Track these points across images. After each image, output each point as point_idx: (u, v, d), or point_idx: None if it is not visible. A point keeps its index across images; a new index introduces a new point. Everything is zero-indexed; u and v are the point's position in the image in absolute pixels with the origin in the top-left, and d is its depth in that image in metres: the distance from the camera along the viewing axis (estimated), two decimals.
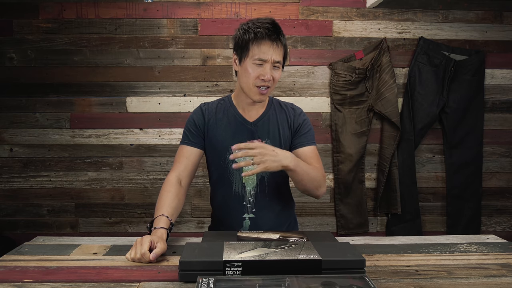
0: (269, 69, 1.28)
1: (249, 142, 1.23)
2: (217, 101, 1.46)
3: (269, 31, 1.26)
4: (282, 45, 1.29)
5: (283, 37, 1.30)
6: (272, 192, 1.40)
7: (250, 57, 1.28)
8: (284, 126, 1.41)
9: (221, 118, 1.40)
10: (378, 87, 2.49)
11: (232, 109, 1.41)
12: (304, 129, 1.42)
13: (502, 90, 2.59)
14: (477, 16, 2.54)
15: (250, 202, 1.38)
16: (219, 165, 1.39)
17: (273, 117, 1.42)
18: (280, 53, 1.29)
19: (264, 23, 1.28)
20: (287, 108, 1.46)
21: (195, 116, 1.41)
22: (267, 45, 1.26)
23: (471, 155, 2.56)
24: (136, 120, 2.48)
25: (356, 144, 2.51)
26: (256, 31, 1.26)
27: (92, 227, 2.51)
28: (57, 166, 2.48)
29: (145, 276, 0.95)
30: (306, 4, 2.49)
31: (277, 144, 1.38)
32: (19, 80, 2.44)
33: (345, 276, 0.88)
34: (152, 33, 2.46)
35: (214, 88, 2.49)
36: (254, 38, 1.26)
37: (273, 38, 1.26)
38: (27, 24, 2.42)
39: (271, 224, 1.39)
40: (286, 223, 1.47)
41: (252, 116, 1.40)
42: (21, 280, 0.92)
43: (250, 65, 1.28)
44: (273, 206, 1.41)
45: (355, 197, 2.55)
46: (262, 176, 1.38)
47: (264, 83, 1.28)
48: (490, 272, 0.99)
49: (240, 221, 1.38)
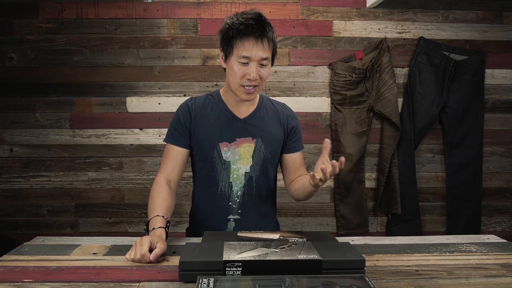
0: (255, 68, 1.20)
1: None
2: (204, 96, 1.38)
3: (253, 28, 1.17)
4: (269, 40, 1.20)
5: (270, 31, 1.21)
6: (259, 193, 1.36)
7: (235, 55, 1.20)
8: (277, 125, 1.37)
9: (209, 114, 1.32)
10: (378, 87, 2.49)
11: (221, 105, 1.34)
12: (297, 133, 1.41)
13: (502, 90, 2.59)
14: (477, 16, 2.54)
15: (236, 203, 1.33)
16: (206, 163, 1.32)
17: (264, 115, 1.36)
18: (267, 49, 1.20)
19: (248, 18, 1.19)
20: (279, 107, 1.41)
21: (181, 113, 1.33)
22: (251, 42, 1.17)
23: (471, 155, 2.56)
24: (136, 120, 2.48)
25: (356, 144, 2.51)
26: (239, 28, 1.18)
27: (92, 227, 2.51)
28: (57, 166, 2.48)
29: (145, 276, 0.95)
30: (306, 4, 2.49)
31: (268, 142, 1.34)
32: (19, 80, 2.44)
33: (345, 276, 0.88)
34: (152, 33, 2.46)
35: (214, 88, 2.49)
36: (237, 35, 1.18)
37: (258, 34, 1.17)
38: (27, 24, 2.42)
39: (255, 227, 1.33)
40: (270, 226, 1.43)
41: (242, 113, 1.34)
42: (21, 280, 0.92)
43: (235, 63, 1.21)
44: (259, 208, 1.37)
45: (355, 197, 2.55)
46: (250, 176, 1.33)
47: (250, 82, 1.21)
48: (490, 272, 0.99)
49: (224, 222, 1.34)
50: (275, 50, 1.26)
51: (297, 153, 1.41)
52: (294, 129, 1.40)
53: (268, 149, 1.34)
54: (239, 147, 1.32)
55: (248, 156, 1.32)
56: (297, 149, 1.41)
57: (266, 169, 1.35)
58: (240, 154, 1.32)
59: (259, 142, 1.33)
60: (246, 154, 1.32)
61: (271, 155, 1.35)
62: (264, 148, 1.33)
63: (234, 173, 1.32)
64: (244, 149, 1.32)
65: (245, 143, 1.32)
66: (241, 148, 1.32)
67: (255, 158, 1.33)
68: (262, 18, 1.21)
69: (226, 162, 1.31)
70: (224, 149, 1.31)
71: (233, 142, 1.31)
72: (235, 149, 1.31)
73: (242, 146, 1.32)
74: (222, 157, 1.31)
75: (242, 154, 1.32)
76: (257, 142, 1.33)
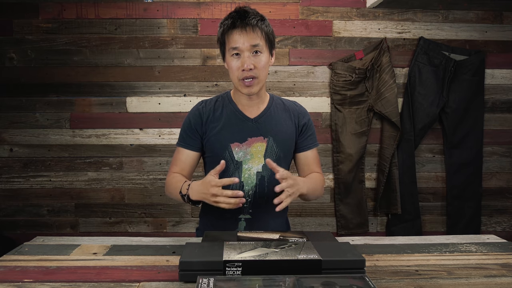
0: (248, 57, 1.22)
1: (277, 166, 1.15)
2: (215, 97, 1.40)
3: (234, 19, 1.23)
4: (254, 28, 1.22)
5: (255, 19, 1.23)
6: (271, 193, 1.34)
7: (228, 51, 1.26)
8: (288, 123, 1.37)
9: (219, 115, 1.34)
10: (378, 87, 2.49)
11: (231, 106, 1.35)
12: (310, 130, 1.40)
13: (502, 90, 2.59)
14: (477, 16, 2.54)
15: (248, 202, 1.34)
16: (217, 164, 1.33)
17: (275, 114, 1.36)
18: (255, 37, 1.22)
19: (232, 13, 1.26)
20: (290, 105, 1.41)
21: (192, 118, 1.36)
22: (236, 33, 1.22)
23: (471, 155, 2.56)
24: (136, 120, 2.48)
25: (356, 144, 2.51)
26: (224, 24, 1.25)
27: (92, 227, 2.51)
28: (57, 166, 2.48)
29: (145, 276, 0.95)
30: (306, 4, 2.49)
31: (279, 141, 1.34)
32: (19, 80, 2.44)
33: (345, 276, 0.88)
34: (152, 33, 2.46)
35: (214, 88, 2.49)
36: (224, 31, 1.25)
37: (240, 24, 1.22)
38: (27, 24, 2.42)
39: (266, 227, 1.34)
40: (280, 226, 1.43)
41: (253, 112, 1.35)
42: (21, 280, 0.92)
43: (230, 58, 1.25)
44: (271, 207, 1.34)
45: (355, 197, 2.55)
46: (262, 176, 1.34)
47: (246, 73, 1.23)
48: (490, 272, 0.99)
49: (235, 222, 1.34)
50: (268, 38, 1.27)
51: (309, 151, 1.40)
52: (306, 126, 1.39)
53: (280, 147, 1.34)
54: (251, 147, 1.32)
55: (260, 155, 1.33)
56: (310, 147, 1.40)
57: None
58: (252, 153, 1.32)
59: (271, 141, 1.33)
60: (258, 153, 1.33)
61: (283, 153, 1.35)
62: (276, 147, 1.33)
63: (245, 172, 1.32)
64: (255, 149, 1.32)
65: (257, 142, 1.32)
66: (252, 147, 1.32)
67: (267, 158, 1.32)
68: (245, 9, 1.25)
69: (238, 162, 1.32)
70: (236, 149, 1.31)
71: (244, 142, 1.32)
72: (246, 149, 1.32)
73: (254, 145, 1.32)
74: (234, 158, 1.31)
75: (253, 153, 1.32)
76: (269, 141, 1.33)
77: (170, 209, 2.51)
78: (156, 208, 2.51)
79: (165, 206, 2.51)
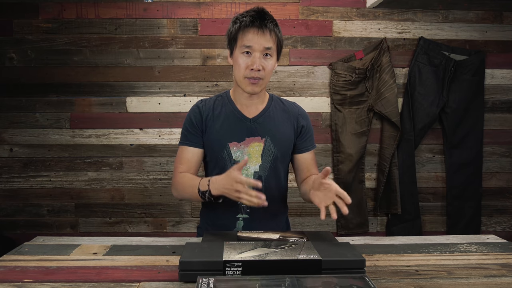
0: (258, 58, 1.23)
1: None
2: (214, 97, 1.40)
3: (254, 18, 1.23)
4: (270, 31, 1.24)
5: (272, 23, 1.26)
6: (269, 192, 1.33)
7: (239, 47, 1.25)
8: (287, 124, 1.37)
9: (218, 115, 1.34)
10: (378, 87, 2.49)
11: (230, 105, 1.36)
12: (308, 132, 1.41)
13: (502, 90, 2.59)
14: (477, 16, 2.54)
15: None
16: (216, 163, 1.34)
17: (274, 114, 1.37)
18: (269, 39, 1.24)
19: (250, 11, 1.26)
20: (290, 106, 1.42)
21: (193, 115, 1.36)
22: (252, 32, 1.23)
23: (471, 155, 2.56)
24: (136, 120, 2.48)
25: (356, 144, 2.51)
26: (241, 20, 1.25)
27: (92, 227, 2.51)
28: (57, 166, 2.48)
29: (145, 276, 0.95)
30: (306, 4, 2.49)
31: (277, 141, 1.34)
32: (19, 80, 2.44)
33: (345, 276, 0.88)
34: (152, 33, 2.46)
35: (214, 88, 2.49)
36: (240, 27, 1.25)
37: (258, 24, 1.23)
38: (27, 24, 2.42)
39: (264, 226, 1.32)
40: (279, 226, 1.42)
41: (251, 112, 1.35)
42: (21, 280, 0.92)
43: (239, 55, 1.25)
44: (269, 207, 1.32)
45: (355, 197, 2.55)
46: (259, 176, 1.33)
47: (253, 73, 1.24)
48: (490, 272, 0.99)
49: (233, 221, 1.34)
50: (279, 44, 1.29)
51: (307, 153, 1.41)
52: (305, 128, 1.40)
53: (278, 148, 1.34)
54: (248, 147, 1.32)
55: (257, 155, 1.33)
56: (308, 149, 1.41)
57: (276, 168, 1.35)
58: (249, 153, 1.32)
59: (268, 142, 1.33)
60: (255, 153, 1.33)
61: (281, 154, 1.35)
62: (274, 147, 1.34)
63: (243, 172, 1.32)
64: (253, 149, 1.33)
65: (254, 142, 1.33)
66: (250, 147, 1.32)
67: (264, 158, 1.33)
68: (265, 11, 1.27)
69: (236, 162, 1.31)
70: (234, 149, 1.32)
71: (242, 141, 1.32)
72: (244, 148, 1.32)
73: (251, 145, 1.32)
74: (232, 157, 1.32)
75: (251, 153, 1.33)
76: (266, 141, 1.33)
77: (170, 209, 2.51)
78: (156, 208, 2.51)
79: (165, 206, 2.51)
